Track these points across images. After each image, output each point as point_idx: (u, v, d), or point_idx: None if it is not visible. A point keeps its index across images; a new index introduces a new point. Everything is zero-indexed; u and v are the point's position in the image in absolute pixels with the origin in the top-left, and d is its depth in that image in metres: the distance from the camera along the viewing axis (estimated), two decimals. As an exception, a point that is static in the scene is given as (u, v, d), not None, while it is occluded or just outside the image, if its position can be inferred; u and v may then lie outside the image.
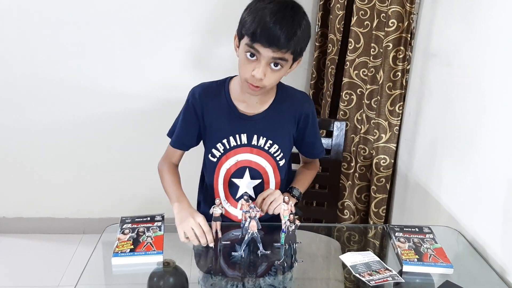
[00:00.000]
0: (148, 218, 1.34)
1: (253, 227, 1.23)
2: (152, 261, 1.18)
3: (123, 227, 1.29)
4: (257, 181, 1.47)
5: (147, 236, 1.25)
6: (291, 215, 1.21)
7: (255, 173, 1.45)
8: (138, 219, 1.33)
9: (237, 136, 1.42)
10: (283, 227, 1.24)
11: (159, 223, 1.31)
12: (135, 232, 1.27)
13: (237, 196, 1.48)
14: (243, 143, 1.43)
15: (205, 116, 1.44)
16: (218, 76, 1.54)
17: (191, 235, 1.24)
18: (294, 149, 1.55)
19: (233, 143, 1.42)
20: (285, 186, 1.53)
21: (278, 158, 1.46)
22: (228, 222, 1.42)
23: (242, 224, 1.27)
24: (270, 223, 1.45)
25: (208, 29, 2.37)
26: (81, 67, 2.38)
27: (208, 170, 1.49)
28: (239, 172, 1.45)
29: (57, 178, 2.59)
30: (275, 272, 1.21)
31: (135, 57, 2.38)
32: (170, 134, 1.54)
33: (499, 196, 1.28)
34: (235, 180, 1.46)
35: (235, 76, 1.46)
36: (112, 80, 2.41)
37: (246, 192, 1.32)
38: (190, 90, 1.47)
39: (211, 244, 1.24)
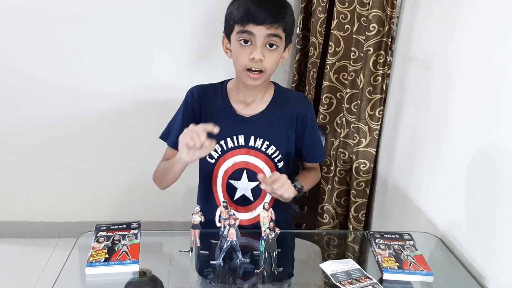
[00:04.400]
0: (124, 226, 1.30)
1: (232, 235, 1.20)
2: (128, 270, 1.14)
3: (98, 235, 1.26)
4: (255, 183, 1.45)
5: (123, 245, 1.21)
6: (271, 223, 1.19)
7: (253, 175, 1.43)
8: (113, 227, 1.29)
9: (234, 137, 1.41)
10: (263, 234, 1.21)
11: (135, 231, 1.28)
12: (110, 240, 1.23)
13: (236, 198, 1.46)
14: (240, 144, 1.42)
15: (202, 116, 1.43)
16: (202, 76, 1.53)
17: (189, 137, 1.19)
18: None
19: (230, 144, 1.41)
20: None
21: (276, 160, 1.44)
22: (207, 229, 1.39)
23: (221, 231, 1.25)
24: (250, 229, 1.43)
25: (191, 30, 2.34)
26: (56, 66, 2.32)
27: (206, 173, 1.46)
28: (236, 173, 1.44)
29: (31, 180, 2.53)
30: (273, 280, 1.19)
31: (112, 56, 2.34)
32: (164, 137, 1.48)
33: (478, 202, 1.28)
34: (233, 182, 1.45)
35: (232, 78, 1.46)
36: (88, 80, 2.36)
37: (225, 200, 1.29)
38: (188, 90, 1.46)
39: (216, 130, 1.20)
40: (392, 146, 1.86)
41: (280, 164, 1.45)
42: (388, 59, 1.85)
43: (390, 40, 1.82)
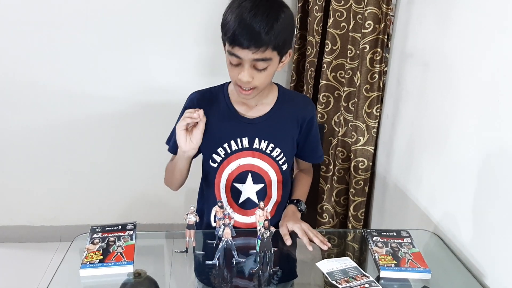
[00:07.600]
0: (120, 227, 1.30)
1: (227, 234, 1.20)
2: (123, 271, 1.14)
3: (93, 236, 1.25)
4: (260, 186, 1.44)
5: (118, 246, 1.21)
6: (266, 222, 1.18)
7: (258, 178, 1.42)
8: (108, 228, 1.29)
9: (238, 140, 1.39)
10: (258, 234, 1.21)
11: (131, 232, 1.27)
12: (105, 242, 1.23)
13: (240, 201, 1.45)
14: (244, 147, 1.39)
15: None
16: (202, 79, 1.51)
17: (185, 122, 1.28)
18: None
19: (234, 147, 1.39)
20: (288, 191, 1.52)
21: (280, 162, 1.43)
22: (202, 230, 1.39)
23: (216, 231, 1.24)
24: (245, 229, 1.43)
25: (191, 33, 2.34)
26: (56, 69, 2.33)
27: (209, 177, 1.44)
28: (241, 176, 1.42)
29: (32, 185, 2.54)
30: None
31: (112, 59, 2.34)
32: (168, 142, 1.47)
33: (477, 199, 1.27)
34: (238, 185, 1.43)
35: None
36: (87, 83, 2.37)
37: (220, 200, 1.29)
38: (188, 97, 1.44)
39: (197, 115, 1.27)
40: (391, 144, 1.85)
41: (285, 167, 1.44)
42: (385, 56, 1.84)
43: (386, 37, 1.81)
